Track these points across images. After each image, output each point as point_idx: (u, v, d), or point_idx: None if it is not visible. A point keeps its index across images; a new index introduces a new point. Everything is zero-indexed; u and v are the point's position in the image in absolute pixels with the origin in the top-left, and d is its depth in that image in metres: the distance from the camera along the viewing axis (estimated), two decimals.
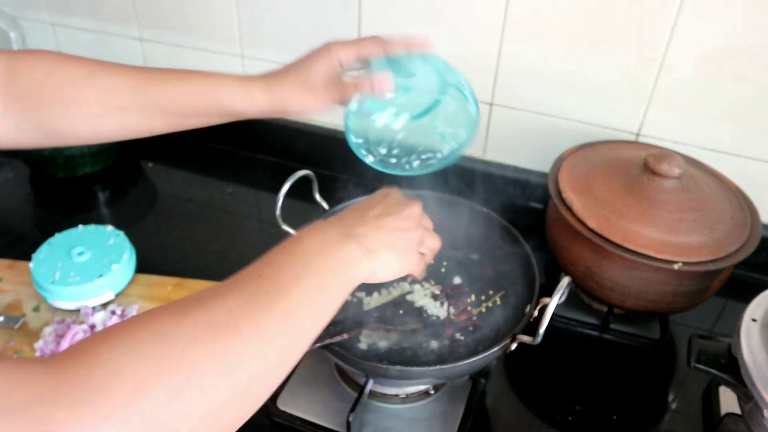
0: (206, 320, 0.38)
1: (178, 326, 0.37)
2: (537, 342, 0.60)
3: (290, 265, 0.46)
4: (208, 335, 0.37)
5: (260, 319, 0.40)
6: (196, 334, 0.37)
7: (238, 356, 0.38)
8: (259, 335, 0.40)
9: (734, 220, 0.75)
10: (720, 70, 0.82)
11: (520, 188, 1.00)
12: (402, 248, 0.55)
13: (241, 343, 0.38)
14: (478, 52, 0.93)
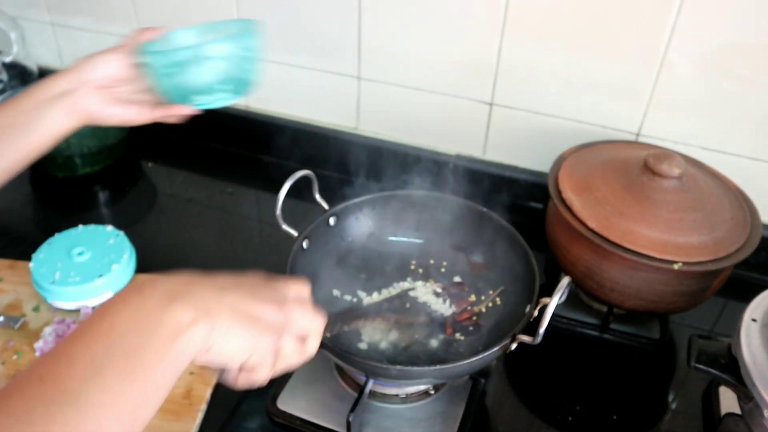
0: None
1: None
2: (537, 342, 0.60)
3: (85, 356, 0.36)
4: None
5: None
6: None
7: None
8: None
9: (734, 220, 0.75)
10: (720, 70, 0.82)
11: (520, 188, 1.00)
12: (252, 321, 0.45)
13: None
14: (478, 52, 0.94)
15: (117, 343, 0.37)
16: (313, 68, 1.07)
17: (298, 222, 0.76)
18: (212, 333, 0.42)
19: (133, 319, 0.39)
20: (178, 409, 0.70)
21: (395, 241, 0.85)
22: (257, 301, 0.47)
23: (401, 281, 0.81)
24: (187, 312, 0.40)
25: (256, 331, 0.45)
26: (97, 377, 0.35)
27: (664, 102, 0.87)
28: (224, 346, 0.43)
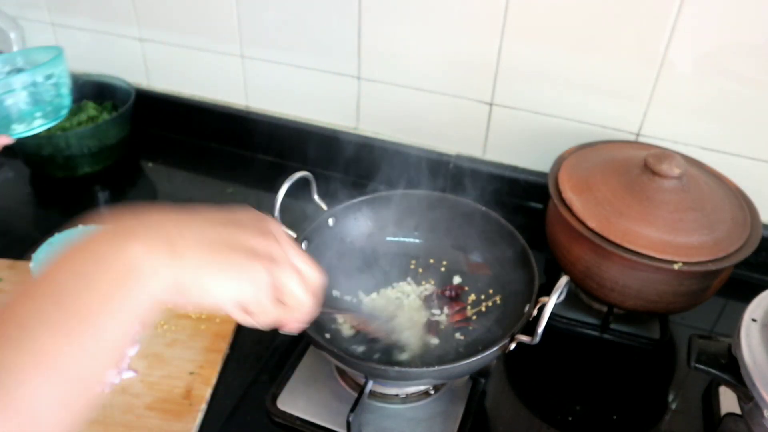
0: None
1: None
2: (536, 342, 0.60)
3: (23, 314, 0.33)
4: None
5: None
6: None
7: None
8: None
9: (734, 220, 0.75)
10: (720, 69, 0.82)
11: (520, 188, 1.00)
12: (232, 250, 0.38)
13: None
14: (478, 52, 0.94)
15: (55, 293, 0.33)
16: (313, 68, 1.07)
17: (298, 223, 0.76)
18: (182, 271, 0.36)
19: (79, 264, 0.34)
20: (178, 409, 0.70)
21: (395, 241, 0.85)
22: (237, 228, 0.39)
23: (401, 281, 0.81)
24: (138, 247, 0.34)
25: (239, 262, 0.38)
26: (29, 338, 0.31)
27: (664, 102, 0.87)
28: (204, 284, 0.37)
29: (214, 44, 1.12)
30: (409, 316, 0.75)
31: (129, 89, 1.15)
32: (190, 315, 0.81)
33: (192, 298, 0.37)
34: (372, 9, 0.96)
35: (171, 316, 0.82)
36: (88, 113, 1.13)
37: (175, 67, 1.19)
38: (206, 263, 0.37)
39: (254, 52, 1.10)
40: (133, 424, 0.69)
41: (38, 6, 1.23)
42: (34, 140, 1.06)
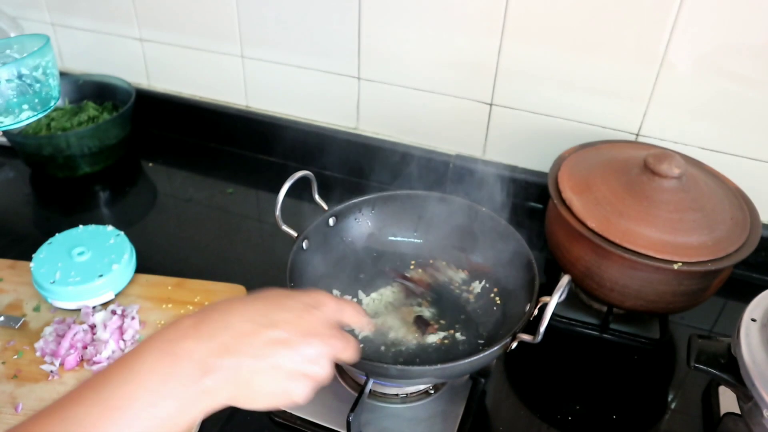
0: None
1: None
2: (537, 341, 0.60)
3: (104, 414, 0.40)
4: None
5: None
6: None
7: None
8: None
9: (734, 220, 0.75)
10: (720, 69, 0.82)
11: (520, 188, 1.00)
12: (273, 373, 0.45)
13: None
14: (478, 52, 0.94)
15: (140, 402, 0.41)
16: (313, 68, 1.07)
17: (298, 222, 0.76)
18: (236, 392, 0.44)
19: (159, 384, 0.42)
20: None
21: (395, 241, 0.85)
22: (295, 359, 0.46)
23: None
24: (209, 381, 0.43)
25: (276, 380, 0.46)
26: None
27: (663, 102, 0.87)
28: (249, 404, 0.46)
29: (214, 44, 1.12)
30: (401, 315, 0.75)
31: (129, 89, 1.15)
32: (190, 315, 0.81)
33: (237, 405, 0.45)
34: (372, 9, 0.96)
35: (171, 316, 0.82)
36: (88, 113, 1.13)
37: (175, 67, 1.19)
38: (255, 388, 0.45)
39: (254, 52, 1.10)
40: None
41: (38, 6, 1.23)
42: (35, 140, 1.06)
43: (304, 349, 0.47)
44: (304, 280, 0.75)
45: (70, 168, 1.08)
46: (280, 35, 1.06)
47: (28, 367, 0.75)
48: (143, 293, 0.86)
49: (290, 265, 0.71)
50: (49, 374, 0.74)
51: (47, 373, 0.74)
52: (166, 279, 0.88)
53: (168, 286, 0.87)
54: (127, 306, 0.83)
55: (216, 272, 0.89)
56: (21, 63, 0.74)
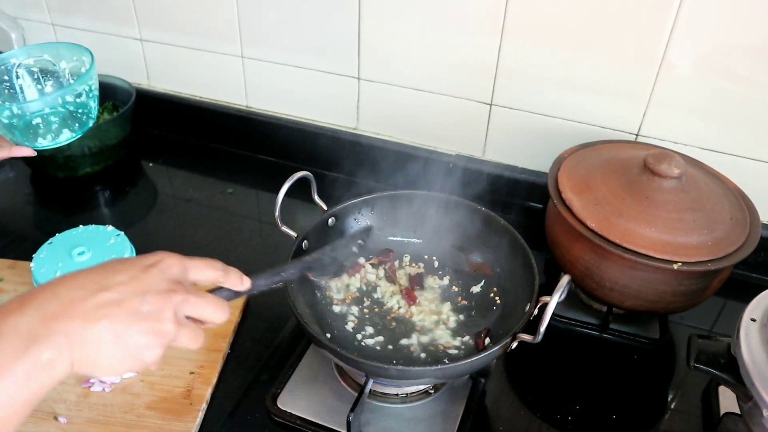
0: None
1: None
2: (537, 340, 0.60)
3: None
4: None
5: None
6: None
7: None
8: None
9: (734, 220, 0.75)
10: (719, 70, 0.82)
11: (520, 188, 1.00)
12: (110, 336, 0.43)
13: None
14: (478, 53, 0.94)
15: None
16: (313, 68, 1.07)
17: (298, 222, 0.76)
18: (81, 356, 0.42)
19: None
20: (178, 409, 0.70)
21: (395, 241, 0.85)
22: (132, 319, 0.44)
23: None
24: (46, 352, 0.41)
25: (129, 352, 0.44)
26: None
27: (663, 102, 0.87)
28: (99, 370, 0.44)
29: (214, 44, 1.12)
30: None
31: (129, 89, 1.15)
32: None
33: (84, 373, 0.43)
34: (372, 9, 0.96)
35: None
36: None
37: (175, 67, 1.19)
38: (98, 359, 0.43)
39: (254, 52, 1.10)
40: (134, 423, 0.69)
41: (39, 6, 1.23)
42: None
43: (139, 306, 0.44)
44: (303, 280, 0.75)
45: (71, 168, 1.08)
46: (280, 35, 1.06)
47: None
48: None
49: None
50: None
51: None
52: None
53: None
54: None
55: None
56: (68, 91, 0.71)
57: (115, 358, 0.44)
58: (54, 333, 0.41)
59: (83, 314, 0.43)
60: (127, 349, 0.44)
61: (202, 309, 0.49)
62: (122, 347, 0.43)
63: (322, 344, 0.64)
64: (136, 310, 0.44)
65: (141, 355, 0.44)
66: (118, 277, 0.46)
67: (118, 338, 0.43)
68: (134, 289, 0.45)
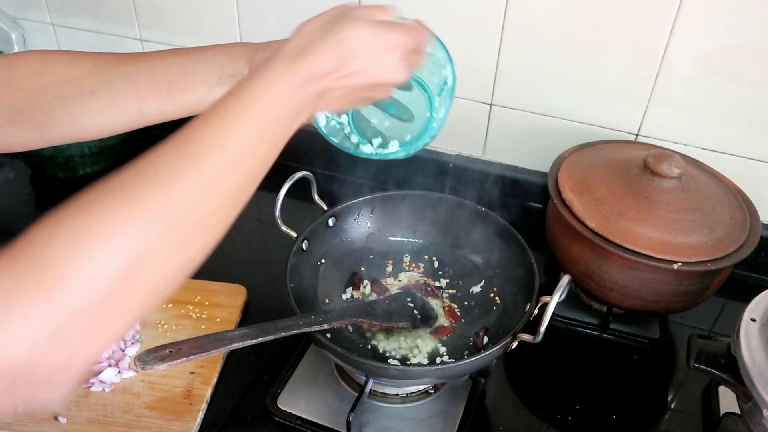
0: (150, 178, 0.43)
1: (129, 208, 0.41)
2: (538, 340, 0.60)
3: (232, 113, 0.46)
4: (154, 193, 0.42)
5: (200, 167, 0.43)
6: (138, 194, 0.42)
7: (183, 203, 0.41)
8: (201, 181, 0.42)
9: (734, 220, 0.75)
10: (720, 70, 0.82)
11: (520, 188, 1.00)
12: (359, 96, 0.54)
13: (185, 190, 0.42)
14: (478, 53, 0.94)
15: (256, 109, 0.46)
16: None
17: (298, 223, 0.76)
18: (324, 103, 0.53)
19: (269, 97, 0.47)
20: (178, 409, 0.70)
21: (394, 241, 0.85)
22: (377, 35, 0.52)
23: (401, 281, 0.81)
24: (309, 97, 0.49)
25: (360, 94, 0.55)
26: (244, 127, 0.46)
27: (663, 102, 0.87)
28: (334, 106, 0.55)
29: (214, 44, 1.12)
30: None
31: None
32: (190, 315, 0.82)
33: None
34: None
35: (171, 316, 0.82)
36: None
37: None
38: (344, 93, 0.53)
39: None
40: (134, 423, 0.69)
41: (39, 6, 1.23)
42: None
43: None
44: (303, 280, 0.75)
45: (71, 168, 1.08)
46: (280, 35, 1.06)
47: None
48: None
49: (290, 266, 0.71)
50: None
51: None
52: None
53: None
54: None
55: (216, 272, 0.88)
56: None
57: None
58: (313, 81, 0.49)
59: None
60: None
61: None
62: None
63: (322, 344, 0.64)
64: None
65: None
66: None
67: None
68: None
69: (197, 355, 0.55)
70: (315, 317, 0.63)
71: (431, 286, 0.80)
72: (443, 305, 0.78)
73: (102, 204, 0.42)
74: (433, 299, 0.78)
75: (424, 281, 0.81)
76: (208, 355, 0.56)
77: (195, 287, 0.86)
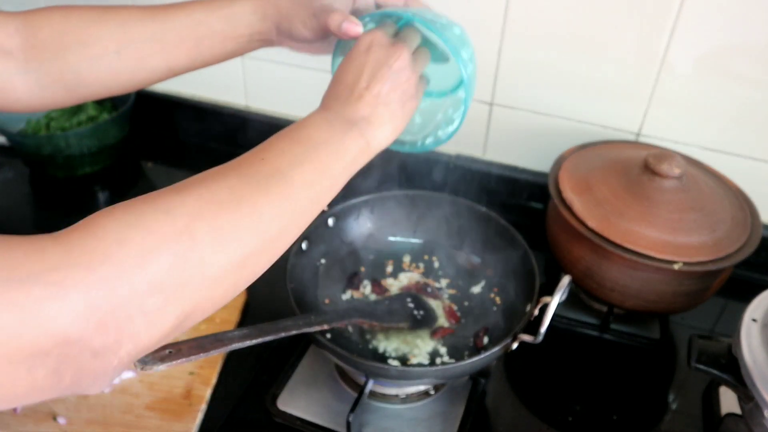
0: (208, 197, 0.41)
1: (182, 202, 0.40)
2: (538, 341, 0.60)
3: (292, 151, 0.48)
4: (210, 211, 0.40)
5: (259, 198, 0.43)
6: (198, 210, 0.40)
7: (236, 232, 0.41)
8: (256, 214, 0.42)
9: (734, 220, 0.75)
10: (720, 69, 0.82)
11: (521, 188, 1.00)
12: (401, 110, 0.54)
13: (239, 220, 0.41)
14: (478, 52, 0.93)
15: (313, 149, 0.48)
16: (314, 68, 1.07)
17: None
18: (374, 143, 0.52)
19: (324, 138, 0.50)
20: (178, 409, 0.70)
21: (394, 241, 0.85)
22: (394, 79, 0.53)
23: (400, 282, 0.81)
24: (359, 139, 0.51)
25: (403, 114, 0.55)
26: (302, 166, 0.46)
27: (664, 102, 0.87)
28: (380, 144, 0.54)
29: None
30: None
31: None
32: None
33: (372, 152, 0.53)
34: None
35: None
36: (88, 113, 1.13)
37: None
38: (388, 126, 0.53)
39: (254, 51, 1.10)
40: (133, 424, 0.69)
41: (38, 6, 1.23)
42: (34, 140, 1.06)
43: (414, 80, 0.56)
44: (303, 280, 0.75)
45: (70, 168, 1.08)
46: None
47: None
48: None
49: (290, 266, 0.71)
50: None
51: None
52: None
53: None
54: None
55: None
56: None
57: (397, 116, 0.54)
58: (360, 122, 0.51)
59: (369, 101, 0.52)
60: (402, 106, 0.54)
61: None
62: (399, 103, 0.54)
63: (322, 345, 0.63)
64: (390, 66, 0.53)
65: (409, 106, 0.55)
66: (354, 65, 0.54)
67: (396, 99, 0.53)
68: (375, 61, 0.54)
69: (197, 355, 0.55)
70: (315, 317, 0.63)
71: (431, 286, 0.80)
72: (443, 306, 0.78)
73: (154, 195, 0.43)
74: (433, 300, 0.78)
75: (424, 282, 0.81)
76: (207, 356, 0.55)
77: None
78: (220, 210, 0.41)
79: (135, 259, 0.36)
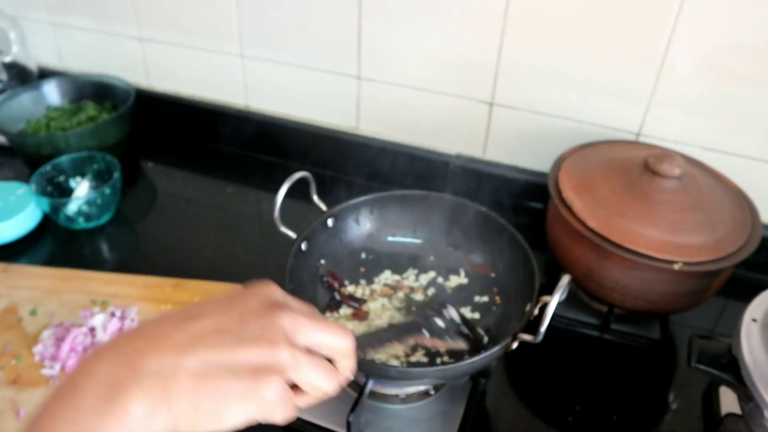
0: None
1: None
2: (538, 341, 0.60)
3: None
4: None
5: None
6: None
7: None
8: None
9: (734, 220, 0.74)
10: (720, 69, 0.82)
11: (520, 188, 1.00)
12: (237, 392, 0.35)
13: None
14: (479, 52, 0.93)
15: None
16: (313, 68, 1.07)
17: (297, 223, 0.76)
18: (177, 419, 0.34)
19: (77, 411, 0.32)
20: None
21: (394, 241, 0.85)
22: (236, 340, 0.37)
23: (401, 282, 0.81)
24: (142, 402, 0.33)
25: (242, 388, 0.35)
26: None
27: (664, 102, 0.87)
28: (205, 423, 0.35)
29: (214, 44, 1.12)
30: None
31: (129, 89, 1.15)
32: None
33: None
34: (372, 9, 0.96)
35: None
36: (88, 113, 1.13)
37: (175, 67, 1.19)
38: (203, 404, 0.35)
39: (254, 52, 1.10)
40: None
41: (38, 6, 1.23)
42: (34, 140, 1.06)
43: (241, 329, 0.37)
44: (303, 281, 0.75)
45: None
46: (280, 35, 1.06)
47: (27, 372, 0.75)
48: (142, 295, 0.86)
49: (289, 267, 0.71)
50: (49, 379, 0.74)
51: (48, 377, 0.74)
52: (165, 280, 0.88)
53: (167, 287, 0.87)
54: (126, 308, 0.83)
55: (215, 273, 0.88)
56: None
57: (226, 398, 0.35)
58: (143, 375, 0.33)
59: (175, 345, 0.35)
60: (238, 386, 0.35)
61: (321, 335, 0.40)
62: (231, 384, 0.35)
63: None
64: (239, 334, 0.37)
65: (258, 391, 0.36)
66: (210, 305, 0.39)
67: (223, 371, 0.35)
68: (232, 313, 0.38)
69: None
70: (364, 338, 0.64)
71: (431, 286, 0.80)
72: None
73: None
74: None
75: (423, 282, 0.80)
76: None
77: (194, 288, 0.86)
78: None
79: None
